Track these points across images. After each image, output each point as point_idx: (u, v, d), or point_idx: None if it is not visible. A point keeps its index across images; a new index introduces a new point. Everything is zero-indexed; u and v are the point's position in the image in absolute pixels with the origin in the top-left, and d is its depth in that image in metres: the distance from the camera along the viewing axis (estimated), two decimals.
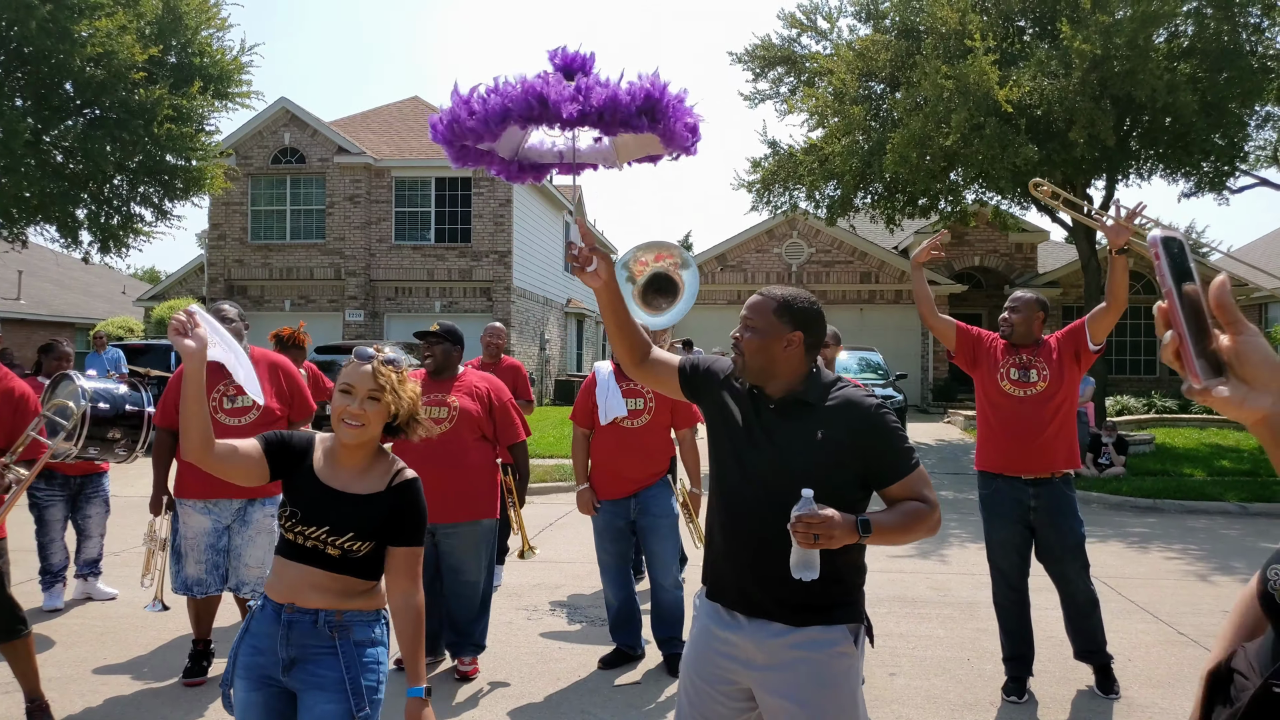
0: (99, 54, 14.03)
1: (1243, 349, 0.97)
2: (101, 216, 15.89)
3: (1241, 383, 0.97)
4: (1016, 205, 17.04)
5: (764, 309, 2.34)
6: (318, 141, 22.70)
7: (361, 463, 2.46)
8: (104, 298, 31.25)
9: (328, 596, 2.37)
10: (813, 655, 2.23)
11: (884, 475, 2.28)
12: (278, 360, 4.74)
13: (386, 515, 2.41)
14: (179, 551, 4.45)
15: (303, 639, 2.35)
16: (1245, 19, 13.66)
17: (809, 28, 15.98)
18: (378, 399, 2.38)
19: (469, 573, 4.57)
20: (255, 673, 2.38)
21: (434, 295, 22.95)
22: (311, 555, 2.38)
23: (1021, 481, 4.29)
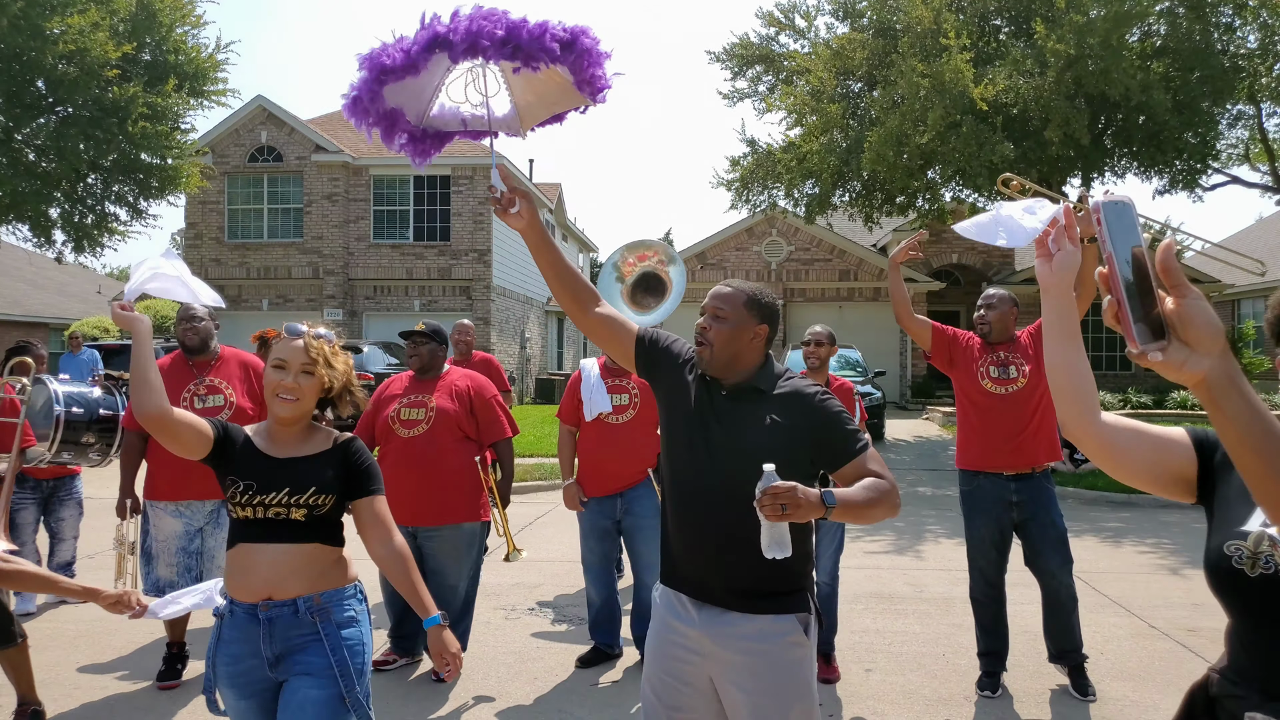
0: (71, 51, 13.90)
1: (1186, 311, 1.00)
2: (75, 215, 15.75)
3: (1183, 345, 0.99)
4: (994, 203, 17.16)
5: (735, 301, 2.37)
6: (295, 140, 22.56)
7: (298, 436, 2.51)
8: (79, 297, 30.91)
9: (302, 579, 2.37)
10: (766, 646, 2.26)
11: (836, 458, 2.31)
12: (250, 360, 4.70)
13: (340, 470, 2.45)
14: (149, 553, 4.42)
15: (286, 632, 2.34)
16: (1217, 18, 13.84)
17: (787, 26, 16.03)
18: (311, 373, 2.43)
19: (449, 576, 4.54)
20: (240, 680, 2.37)
21: (413, 294, 22.86)
22: (276, 528, 2.37)
23: (1004, 477, 4.32)
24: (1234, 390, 1.00)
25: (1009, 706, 4.27)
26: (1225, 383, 1.00)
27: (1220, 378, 1.00)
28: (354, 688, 2.35)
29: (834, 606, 4.73)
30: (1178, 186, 15.16)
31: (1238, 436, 1.01)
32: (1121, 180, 15.94)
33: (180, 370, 4.49)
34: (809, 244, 24.59)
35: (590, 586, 4.84)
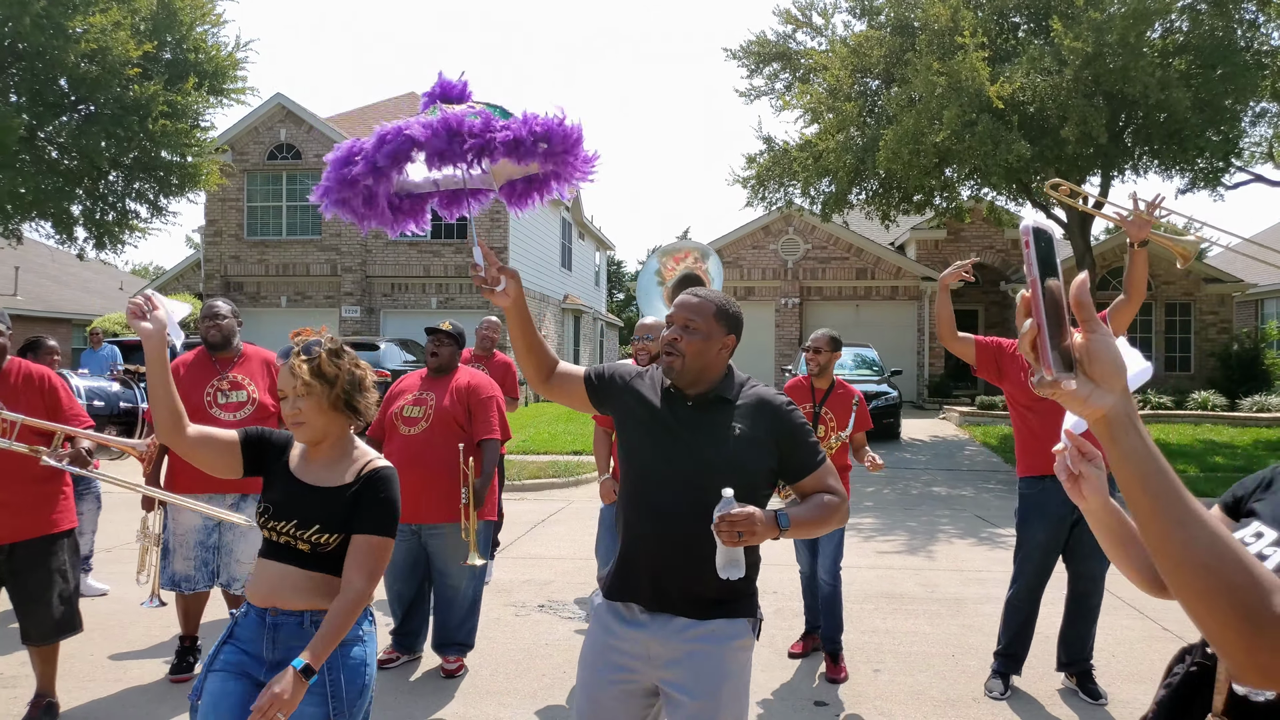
0: (93, 50, 14.04)
1: (1094, 347, 1.02)
2: (96, 213, 15.92)
3: (1089, 380, 1.02)
4: (1012, 201, 17.06)
5: (706, 311, 2.37)
6: (314, 137, 22.69)
7: (328, 455, 2.47)
8: (101, 294, 31.24)
9: (308, 596, 2.37)
10: (714, 648, 2.28)
11: (797, 469, 2.37)
12: (272, 358, 4.78)
13: (353, 504, 2.39)
14: (166, 547, 4.48)
15: (289, 641, 2.36)
16: (1240, 14, 13.67)
17: (804, 24, 15.99)
18: (306, 393, 2.39)
19: (454, 575, 4.56)
20: (235, 667, 2.37)
21: (430, 291, 22.96)
22: (286, 552, 2.39)
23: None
24: (1132, 428, 1.02)
25: (1017, 708, 4.25)
26: (1125, 420, 1.02)
27: (1120, 415, 1.02)
28: (343, 711, 2.32)
29: (839, 606, 4.71)
30: (1200, 185, 15.00)
31: (1132, 474, 1.02)
32: (1143, 178, 15.81)
33: (204, 366, 4.57)
34: (826, 242, 24.51)
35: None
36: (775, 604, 5.81)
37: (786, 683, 4.58)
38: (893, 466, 12.89)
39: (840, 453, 4.73)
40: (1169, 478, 1.01)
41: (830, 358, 4.83)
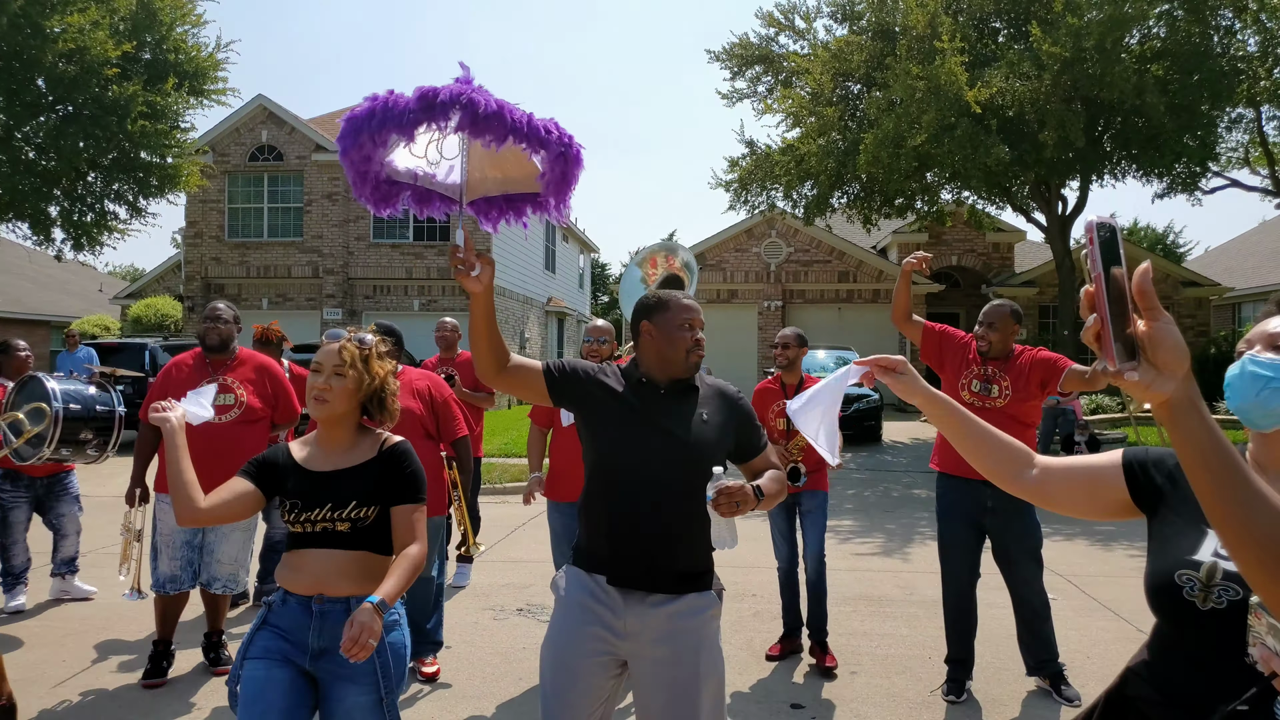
0: (71, 50, 13.93)
1: (1157, 334, 1.03)
2: (74, 214, 15.78)
3: (1151, 367, 1.03)
4: (992, 205, 17.17)
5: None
6: (295, 139, 22.58)
7: (346, 441, 2.55)
8: (80, 296, 30.97)
9: (354, 581, 2.43)
10: (690, 622, 2.44)
11: (750, 449, 2.64)
12: (265, 363, 4.84)
13: (382, 478, 2.49)
14: (155, 547, 4.50)
15: (335, 628, 2.37)
16: (1217, 21, 13.82)
17: (787, 27, 16.05)
18: (342, 374, 2.48)
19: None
20: (277, 654, 2.40)
21: (413, 294, 22.88)
22: (324, 538, 2.45)
23: (980, 483, 4.33)
24: (1195, 412, 1.04)
25: (989, 711, 4.26)
26: (1187, 405, 1.04)
27: (1183, 400, 1.04)
28: (394, 692, 2.41)
29: (824, 591, 4.84)
30: (1177, 189, 15.16)
31: (1195, 456, 1.05)
32: (1121, 183, 15.95)
33: (197, 368, 4.64)
34: (808, 245, 24.59)
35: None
36: (755, 607, 5.81)
37: (763, 684, 4.58)
38: (873, 469, 12.93)
39: (810, 450, 4.76)
40: (1231, 457, 1.03)
41: (798, 352, 4.97)
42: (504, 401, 22.84)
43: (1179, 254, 43.44)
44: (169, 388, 4.50)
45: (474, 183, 2.47)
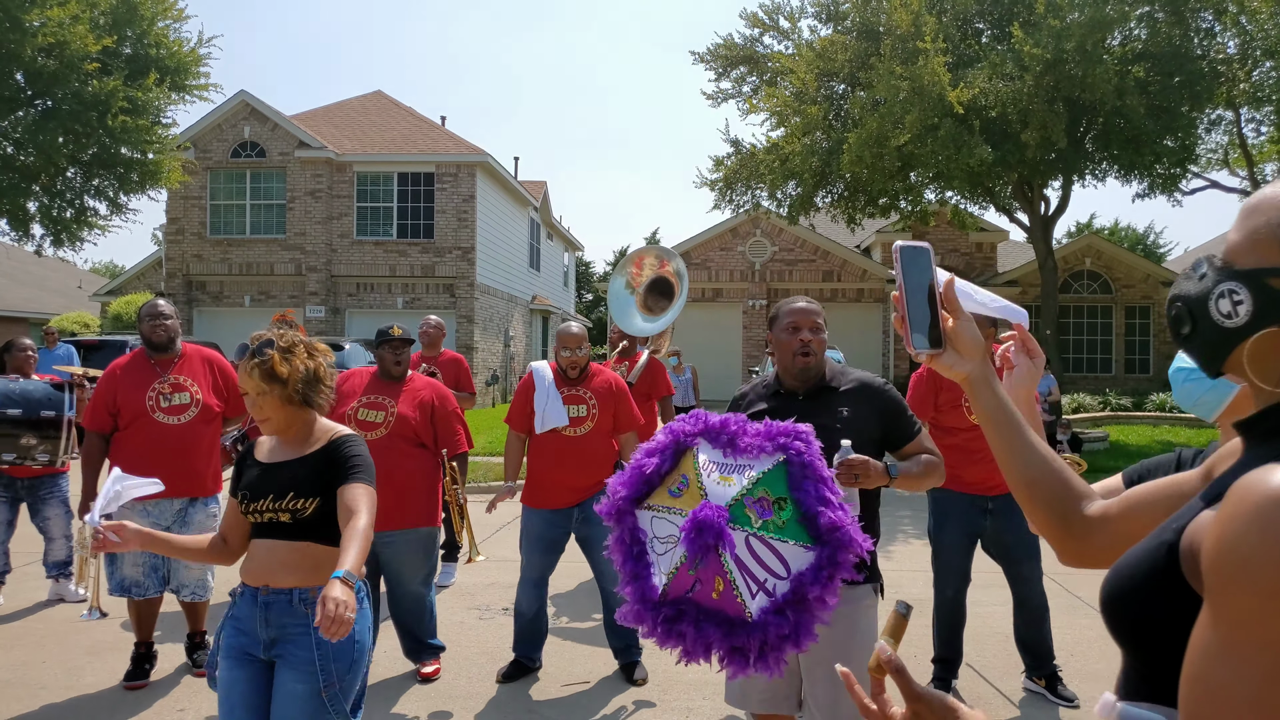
0: (51, 44, 13.78)
1: (958, 329, 1.36)
2: (54, 209, 15.62)
3: (955, 353, 1.35)
4: (975, 205, 17.26)
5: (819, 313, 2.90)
6: (278, 135, 22.43)
7: (301, 437, 2.60)
8: (60, 292, 30.67)
9: (297, 573, 2.48)
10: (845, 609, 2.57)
11: (899, 438, 2.81)
12: (212, 356, 4.68)
13: (324, 468, 2.51)
14: (114, 554, 4.39)
15: (280, 618, 2.46)
16: (1197, 23, 13.94)
17: (771, 27, 16.06)
18: (265, 392, 2.50)
19: (410, 581, 4.48)
20: (237, 651, 2.51)
21: (396, 291, 22.78)
22: (270, 529, 2.51)
23: (977, 495, 4.32)
24: (987, 386, 1.35)
25: (980, 710, 4.28)
26: (982, 380, 1.36)
27: (979, 377, 1.35)
28: (333, 683, 2.41)
29: None
30: (1157, 190, 15.29)
31: (987, 418, 1.35)
32: (1102, 184, 16.08)
33: (143, 369, 4.46)
34: (793, 245, 24.64)
35: (523, 598, 4.57)
36: None
37: None
38: None
39: None
40: (1015, 419, 1.34)
41: None
42: (486, 400, 22.78)
43: (1159, 254, 43.83)
44: (115, 390, 4.38)
45: None
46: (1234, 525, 0.84)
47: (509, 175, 25.17)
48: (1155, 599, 0.96)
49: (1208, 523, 0.90)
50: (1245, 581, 0.81)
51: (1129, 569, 1.02)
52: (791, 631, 2.09)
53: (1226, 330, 0.97)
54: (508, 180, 24.98)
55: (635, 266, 6.37)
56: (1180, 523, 0.97)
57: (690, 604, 2.17)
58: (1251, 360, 0.96)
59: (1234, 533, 0.83)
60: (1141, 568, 0.99)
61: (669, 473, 2.36)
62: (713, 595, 2.12)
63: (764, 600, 2.09)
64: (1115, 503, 1.30)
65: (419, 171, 22.51)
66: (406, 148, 22.90)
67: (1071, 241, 26.11)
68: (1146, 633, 0.98)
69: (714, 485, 2.24)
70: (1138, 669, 1.02)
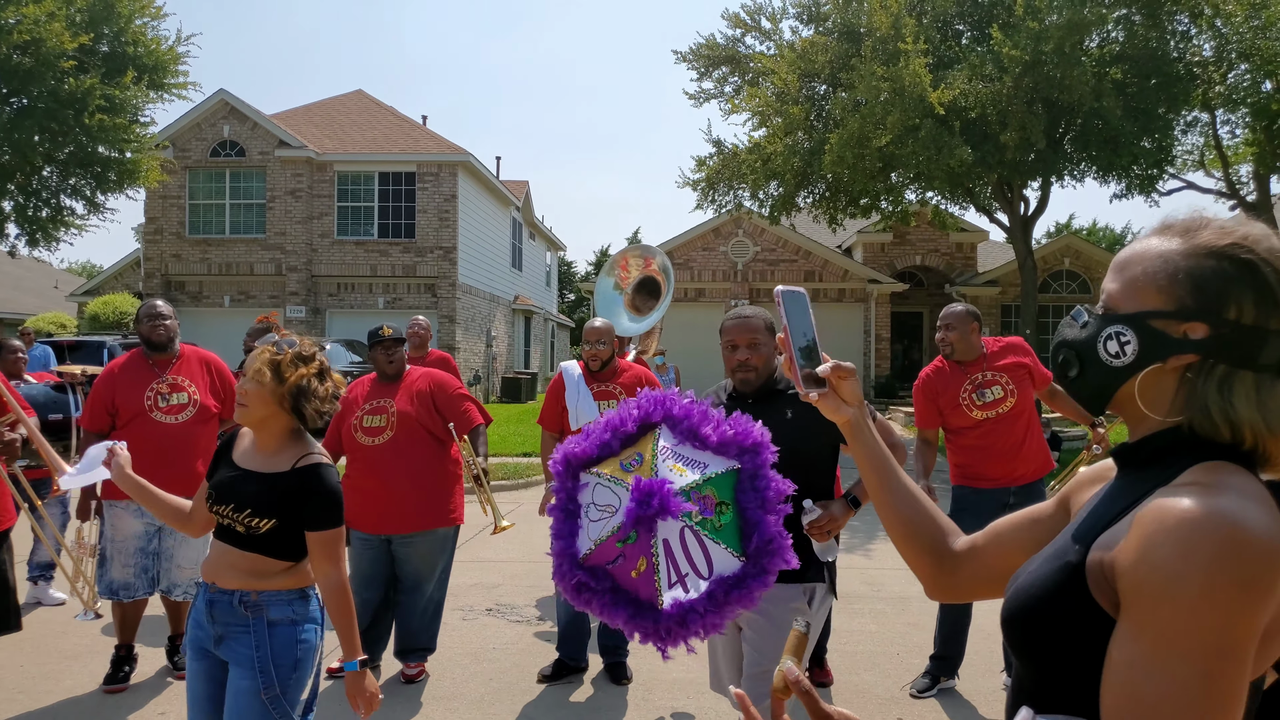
0: (26, 41, 13.64)
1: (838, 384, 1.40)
2: (29, 209, 15.47)
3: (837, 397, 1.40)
4: (956, 205, 17.37)
5: (757, 328, 2.94)
6: (258, 134, 22.28)
7: (273, 445, 2.57)
8: (35, 292, 30.34)
9: (243, 576, 2.51)
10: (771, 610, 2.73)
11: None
12: (209, 357, 4.69)
13: (288, 495, 2.48)
14: (103, 555, 4.37)
15: (224, 617, 2.51)
16: (1173, 26, 14.09)
17: (753, 28, 16.11)
18: (259, 380, 2.50)
19: (425, 583, 4.47)
20: (196, 645, 2.59)
21: (377, 291, 22.68)
22: (227, 533, 2.53)
23: (1002, 489, 4.35)
24: (865, 429, 1.41)
25: (960, 705, 4.32)
26: (860, 424, 1.40)
27: (857, 421, 1.40)
28: (273, 684, 2.43)
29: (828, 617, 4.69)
30: (1134, 191, 15.43)
31: (864, 459, 1.41)
32: (1080, 184, 16.22)
33: (141, 369, 4.44)
34: (775, 245, 24.71)
35: (562, 600, 4.62)
36: None
37: None
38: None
39: None
40: (888, 461, 1.41)
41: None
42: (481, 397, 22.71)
43: None
44: (114, 389, 4.37)
45: None
46: (1154, 547, 0.92)
47: (491, 175, 25.11)
48: (1058, 615, 1.02)
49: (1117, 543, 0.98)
50: (1170, 597, 0.89)
51: (1030, 589, 1.07)
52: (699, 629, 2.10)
53: (1114, 369, 1.07)
54: (489, 180, 24.92)
55: (622, 267, 6.38)
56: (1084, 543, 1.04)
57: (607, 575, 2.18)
58: (1141, 393, 1.06)
59: (1156, 554, 0.91)
60: (1046, 586, 1.05)
61: (629, 444, 2.33)
62: (632, 574, 2.12)
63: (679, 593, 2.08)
64: (980, 535, 1.40)
65: (400, 171, 22.42)
66: (387, 147, 22.80)
67: (1051, 241, 26.32)
68: (1048, 646, 1.04)
69: (666, 470, 2.24)
70: (1034, 679, 1.08)
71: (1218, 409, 1.01)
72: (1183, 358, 1.03)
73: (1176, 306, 1.03)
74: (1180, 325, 1.03)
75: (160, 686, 4.43)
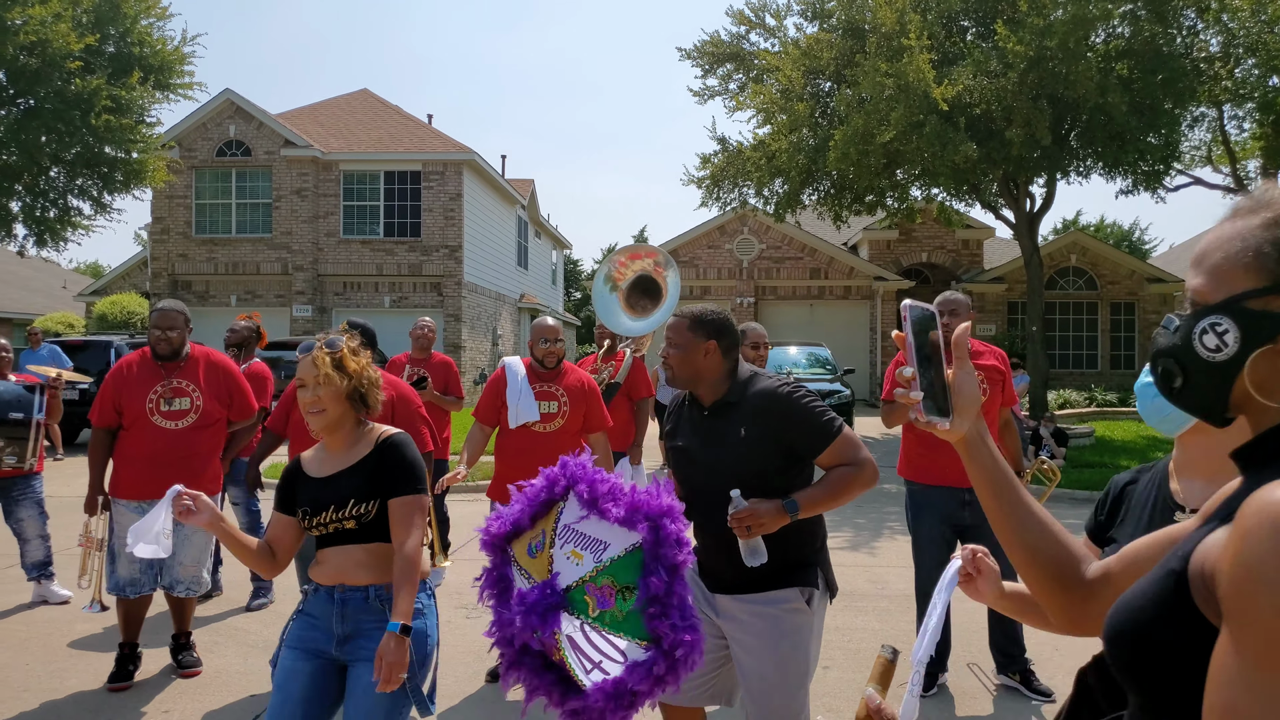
0: (33, 42, 13.69)
1: (958, 382, 1.28)
2: (37, 209, 15.53)
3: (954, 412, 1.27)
4: (961, 202, 17.32)
5: (680, 327, 2.75)
6: (264, 134, 22.33)
7: (345, 442, 2.66)
8: (43, 292, 30.47)
9: (371, 571, 2.58)
10: (769, 610, 2.64)
11: (810, 448, 2.62)
12: (218, 359, 4.68)
13: (377, 471, 2.59)
14: (113, 552, 4.40)
15: (356, 615, 2.57)
16: (1180, 21, 14.02)
17: (757, 25, 16.08)
18: (325, 383, 2.56)
19: None
20: (307, 645, 2.60)
21: (383, 290, 22.72)
22: (339, 537, 2.59)
23: (954, 488, 4.33)
24: (983, 446, 1.28)
25: (961, 703, 4.31)
26: (977, 441, 1.28)
27: (974, 437, 1.28)
28: (414, 676, 2.50)
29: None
30: (1141, 187, 15.37)
31: (983, 480, 1.28)
32: (1086, 180, 16.16)
33: (148, 370, 4.46)
34: (780, 242, 24.69)
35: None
36: None
37: None
38: None
39: None
40: (1010, 482, 1.27)
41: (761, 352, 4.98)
42: (474, 400, 22.74)
43: (1144, 250, 44.10)
44: (120, 389, 4.38)
45: None
46: (1252, 544, 0.80)
47: (496, 173, 25.13)
48: (1164, 632, 0.91)
49: (1219, 544, 0.87)
50: (1269, 602, 0.77)
51: (1134, 602, 0.98)
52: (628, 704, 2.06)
53: (1220, 365, 0.97)
54: (495, 178, 24.94)
55: (620, 264, 6.34)
56: (1185, 549, 0.94)
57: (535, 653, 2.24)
58: (1255, 383, 0.95)
59: (1253, 551, 0.79)
60: (1148, 600, 0.95)
61: (539, 519, 2.33)
62: (554, 656, 2.17)
63: (598, 676, 2.07)
64: (1114, 560, 1.27)
65: (406, 170, 22.44)
66: (393, 146, 22.83)
67: (1057, 238, 26.25)
68: (1156, 669, 0.93)
69: (563, 560, 2.22)
70: (1148, 709, 0.96)
71: None
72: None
73: (1272, 281, 0.94)
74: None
75: (164, 684, 4.45)
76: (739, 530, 2.44)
